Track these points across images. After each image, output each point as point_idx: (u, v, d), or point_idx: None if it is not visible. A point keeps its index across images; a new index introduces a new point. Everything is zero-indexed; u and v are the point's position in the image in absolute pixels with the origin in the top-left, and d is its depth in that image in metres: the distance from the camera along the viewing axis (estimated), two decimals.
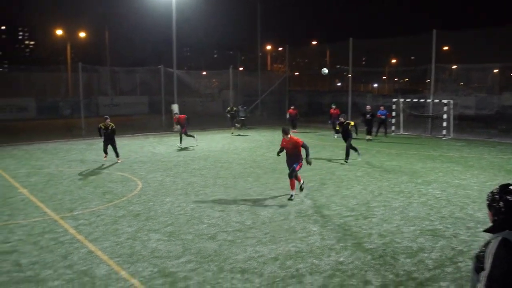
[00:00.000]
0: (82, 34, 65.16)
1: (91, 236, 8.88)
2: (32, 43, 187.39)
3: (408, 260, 7.52)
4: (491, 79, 32.77)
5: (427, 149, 20.78)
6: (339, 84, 49.34)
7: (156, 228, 9.30)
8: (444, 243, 8.33)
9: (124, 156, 19.02)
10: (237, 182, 13.79)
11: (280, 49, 52.48)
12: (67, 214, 10.45)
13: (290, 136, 11.66)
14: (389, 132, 26.19)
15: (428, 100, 26.79)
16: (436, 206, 10.88)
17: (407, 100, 27.75)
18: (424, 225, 9.39)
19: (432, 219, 9.83)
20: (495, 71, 32.21)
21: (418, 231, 8.98)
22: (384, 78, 50.21)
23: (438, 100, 25.85)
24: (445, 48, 30.33)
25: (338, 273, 7.02)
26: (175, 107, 29.68)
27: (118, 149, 17.91)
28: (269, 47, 63.09)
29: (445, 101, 25.10)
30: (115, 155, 17.69)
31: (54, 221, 9.95)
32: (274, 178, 14.17)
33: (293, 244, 8.28)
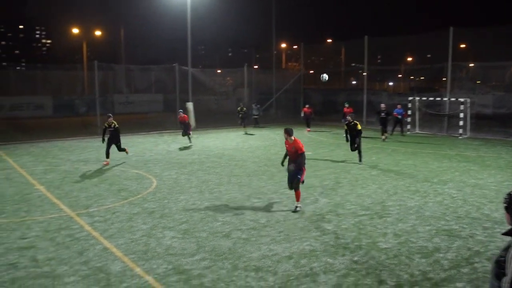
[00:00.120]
0: (97, 33, 65.72)
1: (106, 233, 8.96)
2: (48, 42, 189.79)
3: (423, 260, 7.46)
4: (509, 77, 32.28)
5: (443, 148, 20.57)
6: (354, 82, 49.09)
7: (170, 226, 9.34)
8: (460, 243, 8.24)
9: (139, 153, 19.16)
10: (251, 180, 13.79)
11: (295, 47, 52.42)
12: (83, 211, 10.55)
13: (294, 138, 10.72)
14: (404, 131, 25.97)
15: (445, 99, 26.51)
16: (452, 205, 10.77)
17: (423, 98, 27.47)
18: (439, 225, 9.31)
19: (448, 219, 9.73)
20: None
21: (434, 231, 8.90)
22: (399, 76, 49.82)
23: (454, 99, 25.56)
24: (462, 45, 30.00)
25: (352, 272, 6.99)
26: (190, 105, 29.76)
27: (123, 146, 17.31)
28: (284, 45, 63.04)
29: (461, 99, 24.82)
30: (106, 155, 16.74)
31: (70, 217, 10.06)
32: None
33: (307, 242, 8.26)
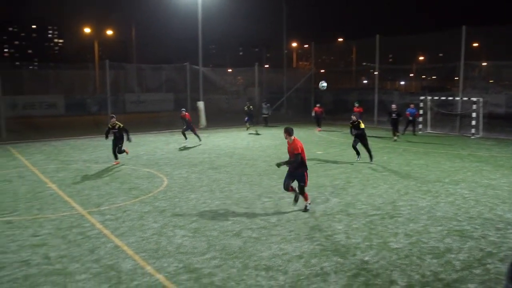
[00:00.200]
0: (109, 32, 66.12)
1: (118, 231, 9.01)
2: (60, 41, 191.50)
3: (434, 260, 7.41)
4: None
5: (455, 148, 20.41)
6: (365, 81, 48.88)
7: (181, 224, 9.37)
8: (472, 244, 8.17)
9: (150, 152, 19.24)
10: (262, 179, 13.79)
11: (306, 46, 52.27)
12: (94, 209, 10.61)
13: (293, 138, 10.22)
14: (416, 131, 25.80)
15: (457, 98, 26.28)
16: (464, 206, 10.68)
17: (435, 98, 27.27)
18: (451, 225, 9.24)
19: (460, 219, 9.65)
20: None
21: (446, 232, 8.83)
22: (411, 75, 49.52)
23: (467, 98, 25.33)
24: (474, 44, 29.71)
25: (363, 272, 6.96)
26: (201, 104, 29.83)
27: (124, 148, 16.69)
28: (295, 45, 62.92)
29: (474, 99, 24.59)
30: (115, 156, 16.51)
31: (82, 216, 10.13)
32: None
33: (318, 242, 8.25)
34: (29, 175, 14.87)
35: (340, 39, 54.72)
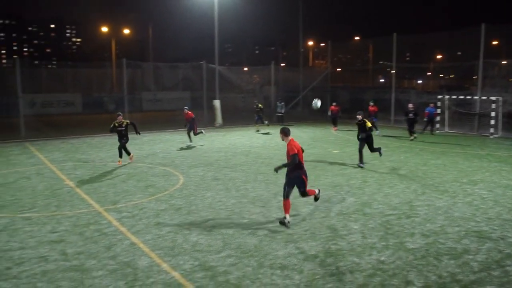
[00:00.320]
0: (126, 31, 66.65)
1: (134, 228, 9.07)
2: (78, 40, 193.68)
3: (452, 261, 7.33)
4: None
5: (473, 147, 20.15)
6: (382, 80, 48.51)
7: (197, 222, 9.40)
8: (490, 245, 8.07)
9: (166, 150, 19.34)
10: (278, 178, 13.72)
11: (322, 45, 52.07)
12: (111, 207, 10.71)
13: (290, 139, 9.49)
14: (433, 130, 25.53)
15: (475, 97, 25.96)
16: (482, 206, 10.54)
17: (453, 97, 26.94)
18: (469, 226, 9.12)
19: (478, 220, 9.53)
20: None
21: (463, 232, 8.73)
22: (429, 74, 49.03)
23: (486, 97, 25.00)
24: (494, 42, 29.30)
25: (379, 272, 6.92)
26: (217, 103, 29.90)
27: (129, 149, 16.52)
28: (311, 43, 62.75)
29: (493, 98, 24.24)
30: (119, 154, 16.17)
31: (99, 213, 10.22)
32: (315, 175, 14.07)
33: (333, 241, 8.21)
34: (47, 172, 15.06)
35: (356, 38, 54.45)
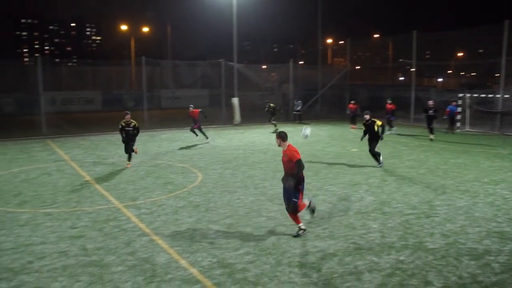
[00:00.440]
0: (145, 29, 67.10)
1: (153, 225, 9.14)
2: (98, 38, 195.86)
3: (472, 262, 7.22)
4: None
5: (495, 147, 19.83)
6: (401, 78, 48.01)
7: (215, 220, 9.43)
8: None
9: (185, 148, 19.43)
10: None
11: (341, 42, 51.75)
12: (130, 203, 10.80)
13: (288, 145, 8.49)
14: (454, 129, 25.19)
15: (498, 96, 25.50)
16: (504, 207, 10.37)
17: (474, 95, 26.53)
18: (490, 226, 8.98)
19: (500, 220, 9.38)
20: None
21: (484, 233, 8.60)
22: (449, 72, 48.36)
23: (508, 96, 24.56)
24: None
25: (398, 272, 6.85)
26: (235, 101, 29.95)
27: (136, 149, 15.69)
28: (330, 41, 62.38)
29: None
30: (128, 157, 15.44)
31: (118, 209, 10.32)
32: (333, 173, 14.01)
33: (352, 240, 8.16)
34: (67, 168, 15.26)
35: (376, 35, 53.99)
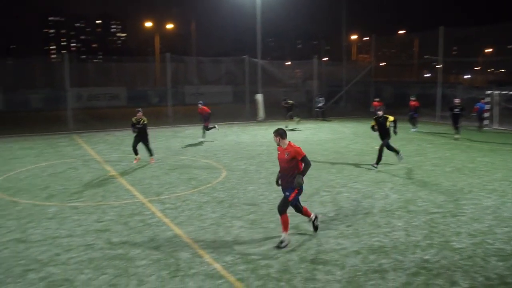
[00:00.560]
0: (169, 26, 67.55)
1: (177, 220, 9.21)
2: (123, 35, 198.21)
3: (500, 263, 7.08)
4: None
5: None
6: (428, 75, 47.34)
7: (239, 215, 9.46)
8: None
9: (209, 144, 19.50)
10: (320, 173, 13.68)
11: (366, 38, 51.24)
12: (155, 198, 10.90)
13: (289, 142, 8.13)
14: (482, 127, 24.73)
15: None
16: None
17: (503, 92, 25.97)
18: None
19: None
20: None
21: None
22: (477, 68, 47.49)
23: None
24: None
25: (423, 271, 6.76)
26: (259, 97, 29.95)
27: (151, 145, 15.70)
28: (354, 37, 61.87)
29: None
30: (149, 154, 15.38)
31: (142, 204, 10.43)
32: (357, 171, 13.90)
33: (376, 238, 8.09)
34: (93, 163, 15.49)
35: (401, 31, 53.34)
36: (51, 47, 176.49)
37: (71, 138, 21.94)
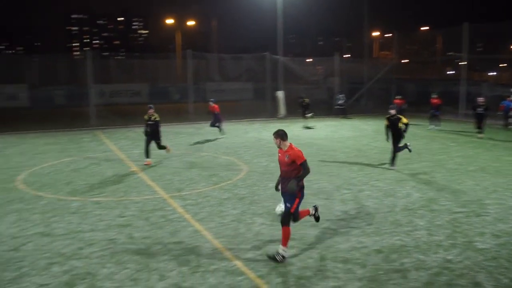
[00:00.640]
0: (190, 23, 67.78)
1: (198, 216, 9.25)
2: (145, 32, 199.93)
3: None
4: None
5: None
6: (451, 72, 46.62)
7: (260, 212, 9.46)
8: None
9: (230, 140, 19.53)
10: (341, 170, 13.59)
11: (389, 35, 50.69)
12: (176, 194, 10.97)
13: (290, 144, 7.44)
14: (508, 125, 24.24)
15: None
16: None
17: None
18: None
19: None
20: None
21: None
22: (502, 65, 46.54)
23: None
24: None
25: (445, 271, 6.67)
26: (280, 94, 29.89)
27: (164, 144, 15.13)
28: (376, 34, 61.25)
29: None
30: (146, 154, 14.49)
31: (164, 199, 10.50)
32: (379, 169, 13.77)
33: (398, 237, 8.00)
34: (115, 159, 15.65)
35: (424, 28, 52.63)
36: (74, 44, 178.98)
37: (93, 134, 22.23)
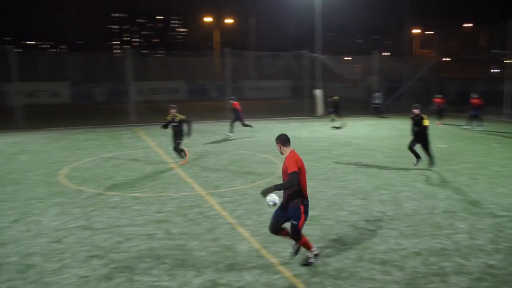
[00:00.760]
0: (229, 21, 68.19)
1: (235, 213, 9.29)
2: (184, 30, 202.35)
3: None
4: None
5: None
6: (495, 70, 45.22)
7: None
8: None
9: (267, 138, 19.48)
10: (379, 170, 13.39)
11: (430, 33, 49.61)
12: (213, 191, 11.05)
13: (291, 151, 6.99)
14: None
15: None
16: None
17: None
18: None
19: None
20: None
21: None
22: None
23: None
24: None
25: (487, 277, 6.47)
26: (318, 92, 29.69)
27: (182, 146, 14.42)
28: (417, 31, 60.06)
29: None
30: (178, 155, 14.32)
31: (201, 196, 10.60)
32: (419, 170, 13.47)
33: (438, 240, 7.82)
34: (153, 155, 15.91)
35: (467, 25, 51.28)
36: (114, 43, 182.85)
37: (132, 130, 22.65)
